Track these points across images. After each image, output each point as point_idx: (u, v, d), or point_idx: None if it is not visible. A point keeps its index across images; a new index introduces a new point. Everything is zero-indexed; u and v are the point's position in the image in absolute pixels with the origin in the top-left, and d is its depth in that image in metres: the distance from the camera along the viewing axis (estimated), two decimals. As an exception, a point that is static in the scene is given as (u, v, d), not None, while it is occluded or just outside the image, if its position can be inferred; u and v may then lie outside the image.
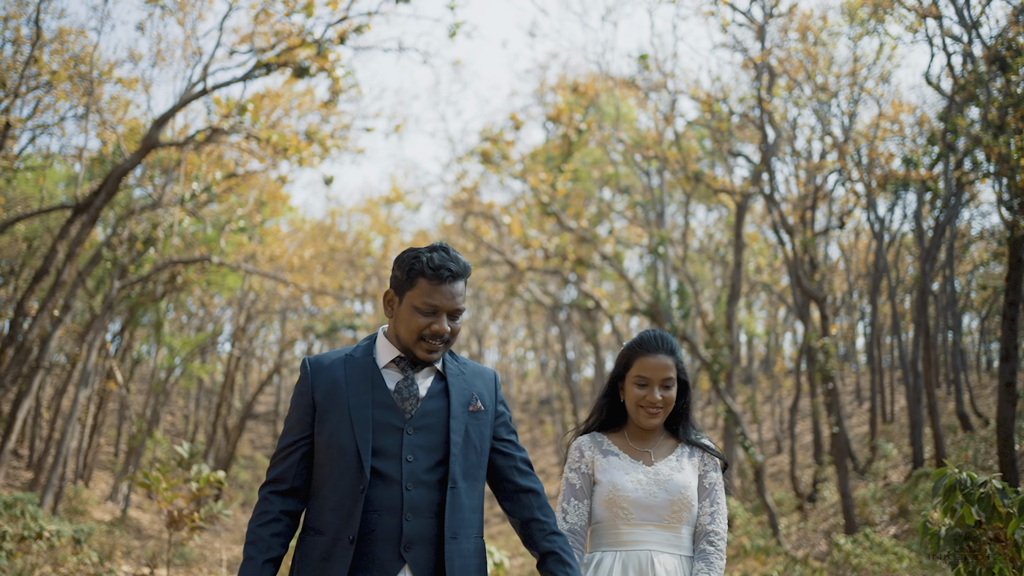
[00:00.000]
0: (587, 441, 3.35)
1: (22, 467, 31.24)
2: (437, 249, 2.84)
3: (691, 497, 3.17)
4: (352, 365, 2.85)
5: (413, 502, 2.71)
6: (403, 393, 2.83)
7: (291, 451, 2.79)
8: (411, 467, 2.73)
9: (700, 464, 3.28)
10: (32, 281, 17.94)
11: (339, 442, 2.73)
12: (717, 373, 16.31)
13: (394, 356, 2.87)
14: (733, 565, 11.24)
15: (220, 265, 22.92)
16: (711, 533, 3.23)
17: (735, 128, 21.44)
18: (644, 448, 3.28)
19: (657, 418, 3.23)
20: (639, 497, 3.13)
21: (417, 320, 2.78)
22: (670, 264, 19.87)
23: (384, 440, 2.74)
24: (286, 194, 27.71)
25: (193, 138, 16.29)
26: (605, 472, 3.22)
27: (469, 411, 2.88)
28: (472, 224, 22.55)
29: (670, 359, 3.24)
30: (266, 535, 2.69)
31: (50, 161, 27.61)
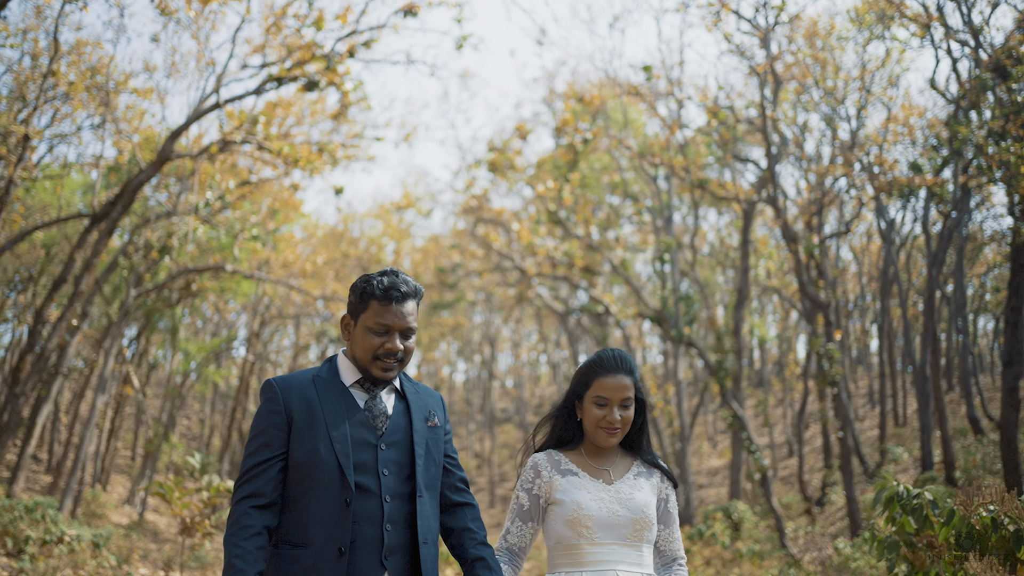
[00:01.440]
0: (544, 460, 3.30)
1: (42, 471, 31.65)
2: (388, 273, 2.99)
3: (651, 516, 3.17)
4: (322, 385, 2.98)
5: (392, 513, 2.86)
6: (373, 411, 2.98)
7: (267, 466, 2.86)
8: (387, 480, 2.88)
9: (660, 486, 3.30)
10: (51, 289, 18.27)
11: (318, 458, 2.83)
12: (723, 378, 16.44)
13: (357, 377, 3.02)
14: (729, 569, 11.39)
15: (234, 273, 23.20)
16: (679, 560, 3.30)
17: (744, 133, 21.56)
18: (602, 466, 3.26)
19: (615, 437, 3.22)
20: (602, 516, 3.12)
21: (371, 340, 2.93)
22: (678, 269, 19.98)
23: (361, 455, 2.88)
24: (299, 200, 27.99)
25: (207, 150, 16.57)
26: (566, 492, 3.18)
27: (428, 426, 3.06)
28: (482, 231, 22.76)
29: (629, 379, 3.22)
30: (252, 548, 2.73)
31: (67, 170, 28.00)
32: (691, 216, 26.08)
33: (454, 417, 59.66)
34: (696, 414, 29.84)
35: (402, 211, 33.30)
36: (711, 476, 32.58)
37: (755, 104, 18.03)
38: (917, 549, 3.57)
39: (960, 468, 17.77)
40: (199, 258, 26.51)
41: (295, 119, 23.28)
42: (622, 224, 27.10)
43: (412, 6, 14.91)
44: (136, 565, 14.56)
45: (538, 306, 28.18)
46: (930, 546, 3.57)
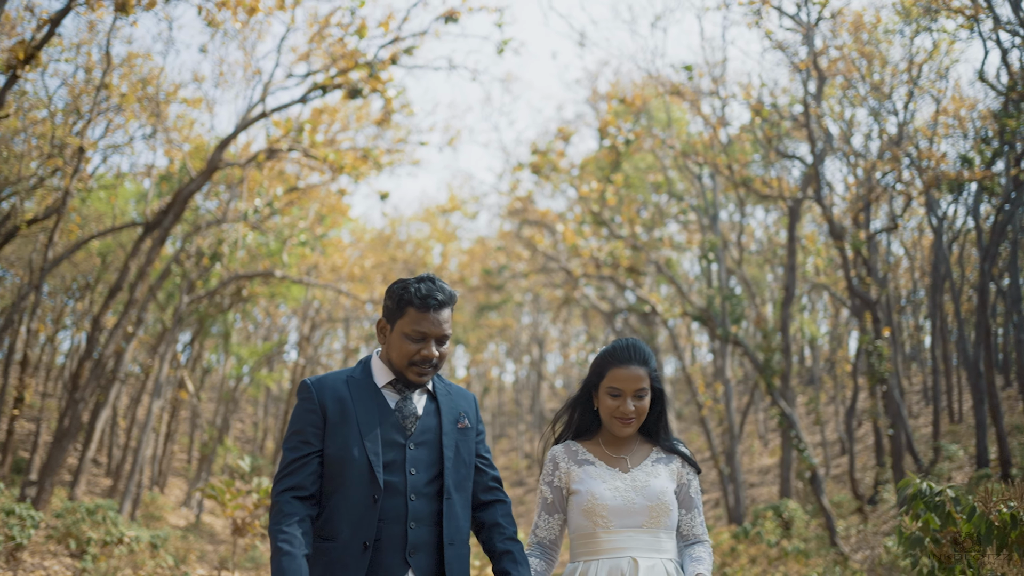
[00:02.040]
0: (561, 452, 3.35)
1: (102, 474, 32.41)
2: (424, 280, 3.05)
3: (669, 502, 3.19)
4: (355, 385, 3.06)
5: (416, 511, 2.93)
6: (403, 411, 3.05)
7: (306, 461, 2.96)
8: (414, 479, 2.96)
9: (679, 472, 3.31)
10: (107, 296, 18.73)
11: (349, 456, 2.93)
12: (771, 377, 16.33)
13: (390, 379, 3.08)
14: (775, 568, 11.33)
15: (283, 278, 23.57)
16: (701, 539, 3.31)
17: (789, 129, 21.37)
18: (619, 455, 3.30)
19: (631, 427, 3.25)
20: (617, 504, 3.15)
21: (407, 346, 3.00)
22: (724, 267, 19.87)
23: (390, 454, 2.96)
24: (346, 205, 28.30)
25: (254, 158, 16.88)
26: (582, 482, 3.23)
27: (458, 428, 3.13)
28: (526, 233, 22.85)
29: (643, 369, 3.24)
30: (298, 533, 2.82)
31: (121, 180, 28.65)
32: (738, 214, 25.91)
33: (503, 418, 59.80)
34: (746, 412, 29.61)
35: (448, 214, 33.52)
36: (762, 475, 32.29)
37: (799, 101, 17.89)
38: (942, 545, 3.59)
39: (1017, 465, 17.44)
40: (249, 264, 26.95)
41: (341, 125, 23.60)
42: (667, 223, 27.00)
43: (453, 12, 15.05)
44: (193, 565, 14.89)
45: (585, 306, 28.19)
46: (954, 542, 3.59)
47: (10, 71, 13.86)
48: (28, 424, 32.22)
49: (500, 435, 58.02)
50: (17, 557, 10.99)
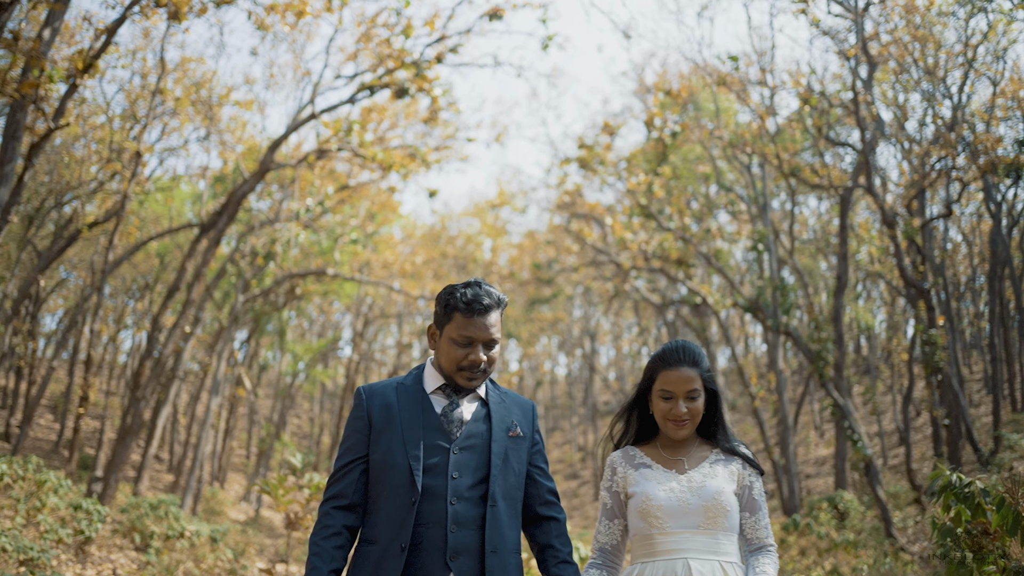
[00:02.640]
0: (619, 457, 3.37)
1: (164, 470, 33.18)
2: (471, 285, 3.08)
3: (726, 503, 3.16)
4: (403, 391, 3.11)
5: (457, 515, 2.94)
6: (449, 416, 3.06)
7: (349, 469, 3.04)
8: (456, 483, 2.96)
9: (739, 473, 3.28)
10: (166, 296, 19.20)
11: (392, 460, 2.97)
12: (822, 367, 16.16)
13: (440, 384, 3.11)
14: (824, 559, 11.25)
15: (335, 276, 23.90)
16: (767, 546, 3.27)
17: (841, 116, 21.09)
18: (677, 457, 3.29)
19: (685, 429, 3.24)
20: (672, 506, 3.14)
21: (456, 351, 3.03)
22: (775, 257, 19.69)
23: (432, 458, 2.98)
24: (397, 202, 28.56)
25: (304, 159, 17.16)
26: (638, 484, 3.23)
27: (509, 436, 3.12)
28: (575, 227, 22.87)
29: (693, 371, 3.24)
30: (329, 547, 2.92)
31: (176, 182, 29.26)
32: (790, 203, 25.64)
33: (556, 411, 59.89)
34: (801, 403, 29.27)
35: (497, 209, 33.65)
36: (818, 466, 31.93)
37: (849, 88, 17.67)
38: (973, 536, 3.60)
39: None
40: (302, 262, 27.36)
41: (390, 123, 23.85)
42: (717, 214, 26.82)
43: (497, 9, 15.13)
44: (252, 559, 15.22)
45: (635, 299, 28.14)
46: (984, 532, 3.60)
47: (70, 80, 14.28)
48: (93, 422, 33.09)
49: (554, 428, 58.13)
50: (86, 550, 11.37)
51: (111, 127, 24.33)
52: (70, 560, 10.68)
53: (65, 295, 39.55)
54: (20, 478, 11.69)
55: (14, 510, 11.41)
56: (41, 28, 13.92)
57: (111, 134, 23.87)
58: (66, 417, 29.20)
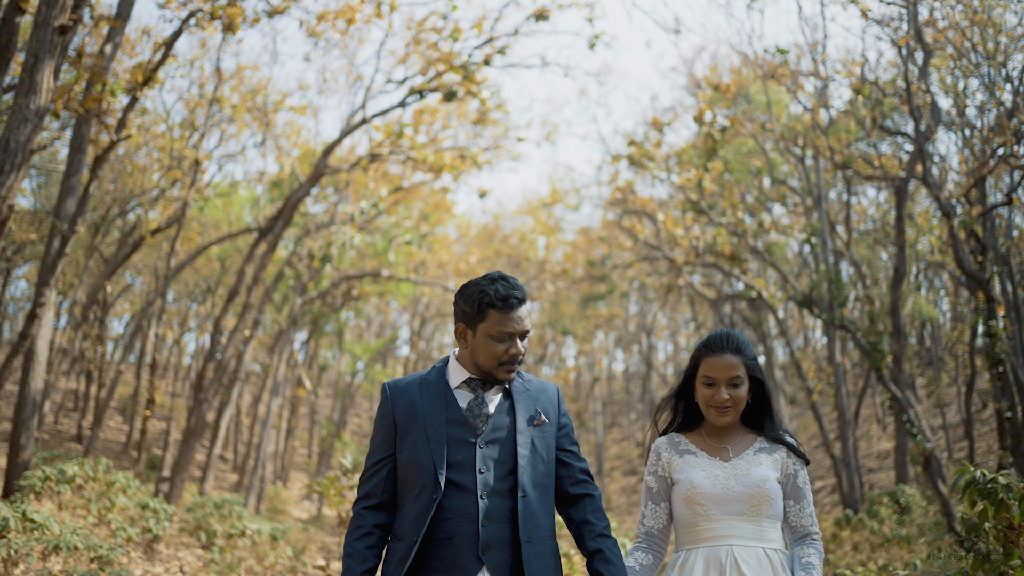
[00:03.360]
0: (664, 443, 3.40)
1: (229, 470, 33.91)
2: (498, 280, 3.08)
3: (770, 490, 3.18)
4: (427, 387, 3.14)
5: (488, 509, 2.96)
6: (474, 411, 3.08)
7: (378, 469, 3.09)
8: (484, 477, 2.99)
9: (784, 462, 3.30)
10: (226, 300, 19.67)
11: (417, 458, 3.01)
12: (879, 360, 15.95)
13: (465, 378, 3.13)
14: (877, 554, 11.15)
15: (389, 278, 24.22)
16: (812, 534, 3.29)
17: (897, 104, 20.75)
18: (722, 444, 3.32)
19: (727, 415, 3.26)
20: (716, 493, 3.17)
21: (495, 347, 3.04)
22: (830, 249, 19.44)
23: (459, 454, 3.00)
24: (451, 202, 28.79)
25: (357, 163, 17.45)
26: (682, 471, 3.27)
27: (534, 425, 3.12)
28: (627, 223, 22.86)
29: (736, 358, 3.26)
30: (361, 548, 2.99)
31: (235, 187, 29.90)
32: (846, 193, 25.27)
33: (614, 407, 59.75)
34: (862, 396, 28.86)
35: (550, 207, 33.73)
36: (881, 460, 31.44)
37: (901, 77, 17.40)
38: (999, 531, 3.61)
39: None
40: (358, 264, 27.75)
41: (442, 123, 24.11)
42: (772, 207, 26.57)
43: (543, 10, 15.23)
44: (313, 556, 15.55)
45: (690, 294, 28.02)
46: (1010, 527, 3.61)
47: (131, 93, 14.74)
48: (160, 423, 33.94)
49: (612, 424, 58.04)
50: (154, 548, 11.76)
51: (171, 136, 24.98)
52: (139, 558, 11.06)
53: (131, 300, 40.63)
54: (91, 479, 12.11)
55: (86, 509, 11.84)
56: (103, 44, 14.39)
57: (171, 142, 24.50)
58: (134, 419, 30.02)
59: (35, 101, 7.73)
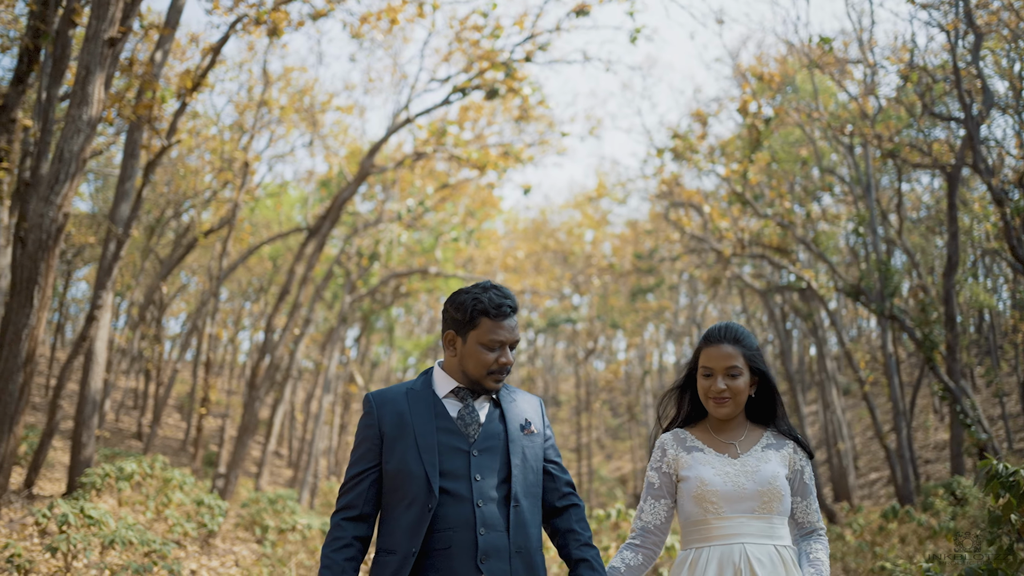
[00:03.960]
0: (670, 439, 3.34)
1: (283, 466, 34.48)
2: (490, 289, 3.07)
3: (780, 487, 3.14)
4: (414, 397, 3.09)
5: (485, 518, 2.93)
6: (466, 419, 3.05)
7: (360, 480, 3.03)
8: (479, 485, 2.96)
9: (791, 458, 3.26)
10: (277, 299, 20.01)
11: (408, 468, 2.95)
12: (930, 350, 15.73)
13: (452, 387, 3.10)
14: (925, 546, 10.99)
15: (436, 274, 24.42)
16: (818, 530, 3.28)
17: (948, 89, 20.38)
18: (729, 440, 3.27)
19: (725, 407, 3.22)
20: (727, 490, 3.12)
21: (485, 356, 3.02)
22: (879, 238, 19.17)
23: (452, 463, 2.97)
24: (498, 197, 28.88)
25: (401, 163, 17.64)
26: (691, 468, 3.21)
27: (524, 434, 3.10)
28: (673, 216, 22.75)
29: (733, 348, 3.22)
30: (340, 560, 2.93)
31: (284, 187, 30.35)
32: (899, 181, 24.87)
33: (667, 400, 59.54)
34: (917, 386, 28.41)
35: (596, 200, 33.67)
36: (938, 451, 30.92)
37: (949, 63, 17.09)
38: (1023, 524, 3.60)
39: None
40: (407, 261, 28.01)
41: (487, 119, 24.22)
42: (821, 196, 26.24)
43: (584, 6, 15.24)
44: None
45: (738, 286, 27.79)
46: None
47: (180, 99, 15.07)
48: (217, 421, 34.61)
49: (663, 417, 57.79)
50: (210, 543, 12.08)
51: (222, 138, 25.45)
52: (196, 552, 11.35)
53: (187, 299, 41.47)
54: (148, 476, 12.45)
55: (145, 505, 12.19)
56: (153, 51, 14.74)
57: (222, 144, 24.96)
58: (191, 416, 30.68)
59: (87, 112, 7.98)
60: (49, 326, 39.50)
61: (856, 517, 15.87)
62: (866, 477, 31.27)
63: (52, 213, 7.85)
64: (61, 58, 9.52)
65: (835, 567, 12.42)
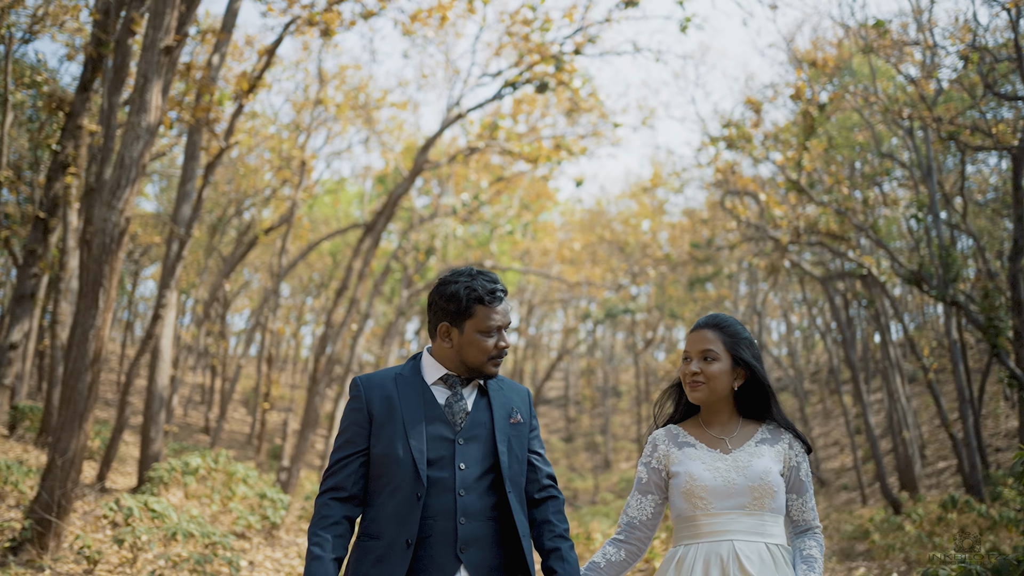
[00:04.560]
0: (662, 435, 3.29)
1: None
2: (477, 276, 3.07)
3: (772, 483, 3.07)
4: (403, 383, 3.08)
5: (466, 507, 2.92)
6: (453, 407, 3.04)
7: (348, 461, 3.00)
8: (463, 474, 2.95)
9: (786, 454, 3.20)
10: (336, 294, 20.35)
11: (395, 453, 2.93)
12: (994, 337, 15.37)
13: (442, 374, 3.09)
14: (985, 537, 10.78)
15: (492, 268, 24.56)
16: (814, 528, 3.21)
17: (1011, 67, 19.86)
18: (720, 435, 3.21)
19: (698, 391, 3.19)
20: (717, 486, 3.07)
21: (484, 343, 3.02)
22: (940, 222, 18.76)
23: (437, 450, 2.96)
24: (554, 189, 28.90)
25: (453, 158, 17.81)
26: (681, 463, 3.16)
27: (510, 423, 3.10)
28: (728, 204, 22.52)
29: (709, 332, 3.20)
30: (331, 536, 2.89)
31: (341, 184, 30.79)
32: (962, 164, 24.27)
33: (727, 389, 59.08)
34: (986, 373, 27.76)
35: (651, 190, 33.50)
36: (1009, 438, 30.23)
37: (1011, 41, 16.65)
38: None
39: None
40: (463, 254, 28.23)
41: (541, 111, 24.28)
42: (882, 181, 25.75)
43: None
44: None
45: (798, 273, 27.43)
46: None
47: (237, 101, 15.41)
48: (281, 415, 35.29)
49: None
50: (274, 535, 12.40)
51: (280, 137, 25.93)
52: (260, 543, 11.67)
53: (250, 295, 42.33)
54: (213, 470, 12.81)
55: (210, 499, 12.55)
56: (211, 54, 15.09)
57: (280, 143, 25.44)
58: (256, 411, 31.34)
59: (146, 119, 8.24)
60: (118, 324, 40.67)
61: (916, 507, 15.65)
62: (933, 466, 30.67)
63: (115, 218, 8.13)
64: (122, 66, 9.82)
65: (896, 557, 12.28)
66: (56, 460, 8.02)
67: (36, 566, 7.57)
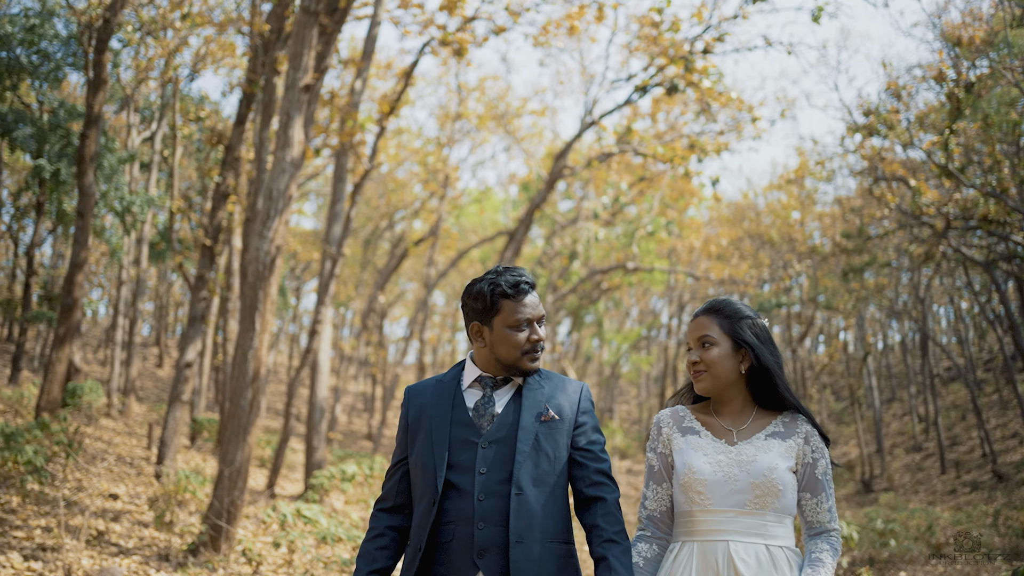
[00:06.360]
0: (667, 417, 3.11)
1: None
2: (503, 272, 3.03)
3: (777, 480, 2.84)
4: (439, 389, 3.09)
5: (484, 511, 2.87)
6: (480, 410, 3.00)
7: (393, 472, 3.08)
8: (483, 479, 2.90)
9: (800, 450, 2.95)
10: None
11: (423, 461, 2.96)
12: None
13: (476, 376, 3.06)
14: None
15: (635, 269, 24.62)
16: (829, 531, 2.96)
17: None
18: (730, 425, 3.00)
19: (702, 380, 3.01)
20: (716, 480, 2.87)
21: (516, 337, 2.97)
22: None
23: (461, 455, 2.94)
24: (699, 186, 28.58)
25: (588, 164, 18.05)
26: (681, 452, 2.98)
27: (541, 421, 2.98)
28: (877, 192, 21.75)
29: (709, 318, 3.03)
30: (372, 548, 2.98)
31: (486, 193, 31.55)
32: None
33: (893, 380, 56.63)
34: None
35: (797, 181, 32.67)
36: None
37: None
38: None
39: None
40: (608, 256, 28.40)
41: (680, 110, 24.20)
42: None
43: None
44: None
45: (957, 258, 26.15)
46: None
47: (379, 123, 16.19)
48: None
49: (891, 399, 55.01)
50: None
51: (425, 150, 26.87)
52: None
53: (406, 305, 43.84)
54: (369, 476, 13.54)
55: (366, 503, 13.27)
56: (353, 80, 15.92)
57: (426, 156, 26.37)
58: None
59: (290, 154, 8.90)
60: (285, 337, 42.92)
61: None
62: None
63: (266, 247, 8.82)
64: (269, 103, 10.59)
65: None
66: (224, 470, 8.78)
67: (210, 567, 8.33)
